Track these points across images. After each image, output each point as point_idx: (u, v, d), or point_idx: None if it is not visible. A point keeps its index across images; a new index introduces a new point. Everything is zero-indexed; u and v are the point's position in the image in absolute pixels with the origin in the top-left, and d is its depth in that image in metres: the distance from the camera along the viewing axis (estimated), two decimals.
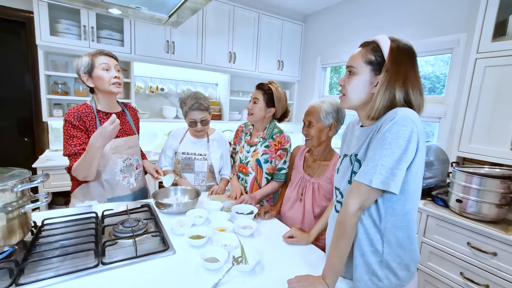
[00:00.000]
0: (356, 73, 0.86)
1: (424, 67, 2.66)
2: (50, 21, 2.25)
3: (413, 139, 0.74)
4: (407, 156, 0.75)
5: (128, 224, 1.14)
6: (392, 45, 0.83)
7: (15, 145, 2.61)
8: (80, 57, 1.38)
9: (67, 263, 0.93)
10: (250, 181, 1.67)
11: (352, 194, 0.80)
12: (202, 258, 0.96)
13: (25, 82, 2.56)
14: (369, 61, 0.84)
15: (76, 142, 1.33)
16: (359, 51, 0.87)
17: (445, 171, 2.11)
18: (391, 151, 0.74)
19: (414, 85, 0.82)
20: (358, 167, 0.85)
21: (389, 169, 0.74)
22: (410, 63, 0.82)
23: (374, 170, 0.76)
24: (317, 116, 1.31)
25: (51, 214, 1.22)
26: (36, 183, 0.93)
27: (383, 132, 0.76)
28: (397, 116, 0.75)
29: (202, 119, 1.66)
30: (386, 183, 0.75)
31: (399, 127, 0.74)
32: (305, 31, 3.71)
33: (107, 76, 1.38)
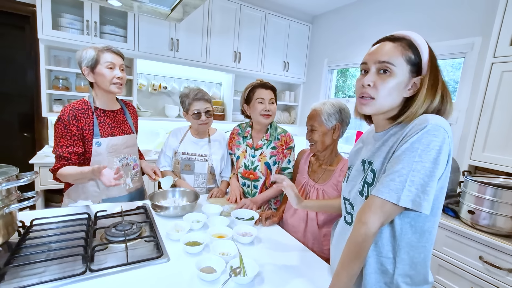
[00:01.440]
0: (395, 73, 0.71)
1: None
2: (52, 15, 2.21)
3: (444, 151, 0.65)
4: (439, 171, 0.65)
5: (121, 227, 1.08)
6: (429, 45, 0.74)
7: (15, 140, 2.57)
8: (85, 48, 1.32)
9: (53, 268, 0.86)
10: (260, 187, 1.60)
11: (374, 212, 0.68)
12: (197, 267, 0.89)
13: (28, 76, 2.53)
14: (409, 60, 0.71)
15: (63, 143, 1.28)
16: (394, 46, 0.72)
17: (455, 179, 2.02)
18: (422, 165, 0.64)
19: (447, 90, 0.74)
20: (372, 177, 0.75)
21: (420, 186, 0.64)
22: (439, 68, 0.74)
23: (402, 186, 0.65)
24: (319, 120, 1.24)
25: (41, 214, 1.16)
26: (23, 182, 0.88)
27: (412, 143, 0.65)
28: (429, 125, 0.65)
29: (206, 110, 1.60)
30: (417, 202, 0.65)
31: (431, 138, 0.64)
32: (312, 32, 3.64)
33: (110, 75, 1.32)
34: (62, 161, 1.28)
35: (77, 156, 1.31)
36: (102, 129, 1.37)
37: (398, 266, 0.75)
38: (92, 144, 1.33)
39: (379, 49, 0.74)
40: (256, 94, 1.53)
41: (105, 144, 1.36)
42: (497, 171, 1.70)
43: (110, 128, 1.41)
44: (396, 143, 0.71)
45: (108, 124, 1.41)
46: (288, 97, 3.75)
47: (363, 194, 0.77)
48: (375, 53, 0.75)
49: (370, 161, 0.79)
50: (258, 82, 1.57)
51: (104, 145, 1.36)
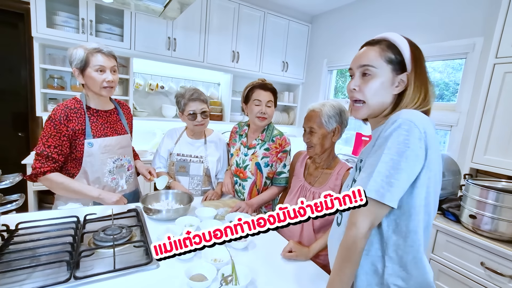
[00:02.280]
0: (376, 74, 0.74)
1: (432, 74, 2.54)
2: (47, 12, 2.17)
3: (413, 146, 0.65)
4: (409, 165, 0.65)
5: (110, 232, 1.04)
6: (410, 42, 0.76)
7: (9, 140, 2.53)
8: (76, 47, 1.27)
9: (36, 275, 0.83)
10: (249, 186, 1.56)
11: (360, 212, 0.68)
12: (187, 275, 0.85)
13: (22, 75, 2.49)
14: (390, 60, 0.74)
15: (51, 143, 1.23)
16: (372, 49, 0.77)
17: (456, 183, 1.98)
18: (390, 157, 0.65)
19: (430, 85, 0.76)
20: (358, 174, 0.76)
21: (385, 177, 0.65)
22: (424, 61, 0.77)
23: (370, 176, 0.67)
24: (319, 121, 1.20)
25: (27, 217, 1.12)
26: (4, 184, 0.84)
27: (384, 137, 0.68)
28: (399, 119, 0.67)
29: (202, 111, 1.56)
30: (380, 193, 0.65)
31: (401, 131, 0.65)
32: (312, 32, 3.61)
33: (100, 78, 1.28)
34: (49, 162, 1.24)
35: (63, 158, 1.27)
36: (95, 129, 1.34)
37: (387, 265, 0.73)
38: (84, 144, 1.29)
39: (361, 54, 0.79)
40: (255, 95, 1.50)
41: (97, 144, 1.32)
42: (499, 175, 1.66)
43: (103, 128, 1.38)
44: (377, 140, 0.72)
45: (101, 124, 1.37)
46: (287, 97, 3.71)
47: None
48: (357, 58, 0.79)
49: (361, 158, 0.81)
50: (259, 82, 1.53)
51: (97, 146, 1.32)
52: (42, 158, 1.23)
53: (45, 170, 1.23)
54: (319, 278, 0.97)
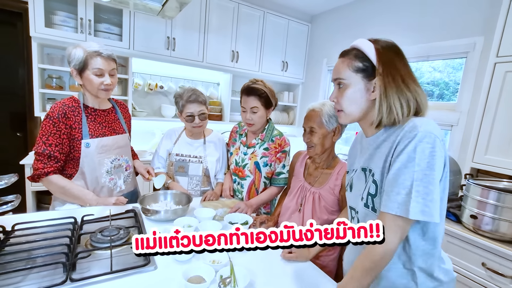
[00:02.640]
0: (348, 84, 0.79)
1: (432, 74, 2.53)
2: (45, 12, 2.15)
3: (438, 155, 0.66)
4: (438, 175, 0.66)
5: (107, 233, 1.03)
6: (376, 47, 0.77)
7: (7, 140, 2.52)
8: (75, 46, 1.25)
9: (32, 277, 0.81)
10: (247, 186, 1.56)
11: (389, 229, 0.68)
12: (185, 277, 0.84)
13: (20, 75, 2.48)
14: (357, 68, 0.77)
15: (52, 142, 1.22)
16: (342, 61, 0.81)
17: (456, 182, 1.97)
18: (422, 173, 0.65)
19: (415, 82, 0.74)
20: (375, 189, 0.74)
21: (426, 195, 0.65)
22: (400, 60, 0.76)
23: (408, 198, 0.65)
24: (319, 121, 1.19)
25: (23, 218, 1.10)
26: None
27: (407, 153, 0.67)
28: (419, 133, 0.66)
29: (200, 113, 1.54)
30: (426, 212, 0.65)
31: (424, 145, 0.65)
32: (311, 32, 3.59)
33: (97, 81, 1.26)
34: (51, 161, 1.22)
35: (64, 157, 1.26)
36: (92, 128, 1.32)
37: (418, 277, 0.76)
38: (81, 144, 1.28)
39: (334, 67, 0.84)
40: (242, 100, 1.50)
41: (94, 145, 1.31)
42: (500, 174, 1.65)
43: (101, 127, 1.36)
44: (390, 151, 0.72)
45: (99, 123, 1.36)
46: (287, 97, 3.70)
47: (369, 206, 0.77)
48: (333, 72, 0.85)
49: (370, 168, 0.79)
50: (247, 85, 1.49)
51: (94, 146, 1.31)
52: (43, 157, 1.21)
53: (48, 170, 1.21)
54: (319, 279, 0.96)
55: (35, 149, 1.22)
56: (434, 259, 0.76)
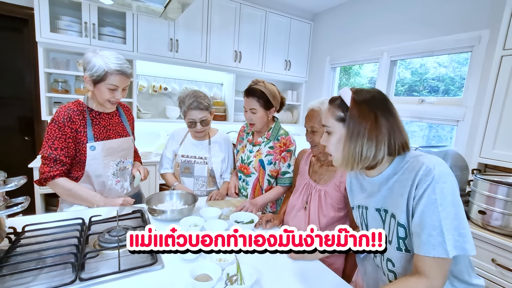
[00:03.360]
0: (332, 132, 0.83)
1: (438, 69, 2.51)
2: (50, 17, 2.19)
3: (457, 191, 0.71)
4: (462, 209, 0.70)
5: (115, 233, 1.04)
6: (353, 97, 0.79)
7: (16, 144, 2.57)
8: (96, 55, 1.23)
9: (42, 277, 0.83)
10: (252, 183, 1.56)
11: (436, 273, 0.70)
12: (192, 275, 0.84)
13: (27, 80, 2.52)
14: (339, 118, 0.81)
15: (58, 145, 1.24)
16: (328, 109, 0.85)
17: (463, 178, 1.94)
18: (446, 211, 0.68)
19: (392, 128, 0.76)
20: (404, 232, 0.76)
21: (454, 230, 0.68)
22: (375, 111, 0.76)
23: (442, 238, 0.69)
24: (320, 120, 1.18)
25: (33, 220, 1.13)
26: (9, 187, 0.84)
27: (428, 195, 0.70)
28: (436, 176, 0.70)
29: (202, 119, 1.54)
30: (459, 246, 0.68)
31: (441, 185, 0.69)
32: (314, 30, 3.58)
33: (109, 95, 1.28)
34: (58, 165, 1.24)
35: (70, 160, 1.27)
36: (97, 131, 1.34)
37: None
38: (86, 147, 1.30)
39: (323, 115, 0.91)
40: (244, 102, 1.51)
41: (99, 148, 1.33)
42: (509, 169, 1.63)
43: (106, 131, 1.38)
44: (411, 195, 0.74)
45: (103, 126, 1.38)
46: (291, 96, 3.70)
47: (401, 249, 0.78)
48: (322, 118, 0.90)
49: (385, 209, 0.82)
50: (248, 86, 1.50)
51: (99, 149, 1.33)
52: (50, 161, 1.23)
53: (54, 174, 1.23)
54: (326, 277, 0.96)
55: (41, 153, 1.24)
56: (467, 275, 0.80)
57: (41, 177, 1.23)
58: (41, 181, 1.25)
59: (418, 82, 2.67)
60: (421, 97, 2.51)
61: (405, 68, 2.77)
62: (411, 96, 2.67)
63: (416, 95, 2.65)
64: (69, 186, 1.27)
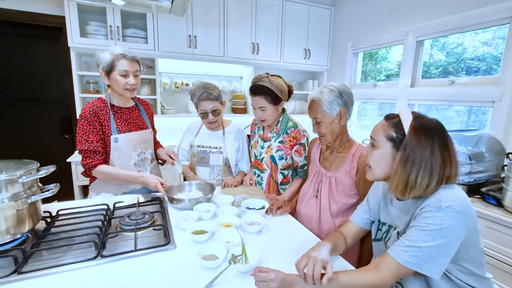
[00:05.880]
0: (378, 146, 0.84)
1: (478, 48, 2.26)
2: (80, 23, 2.37)
3: (457, 229, 0.71)
4: (450, 245, 0.71)
5: (134, 217, 1.14)
6: (414, 124, 0.78)
7: (57, 142, 2.85)
8: (103, 50, 1.37)
9: (70, 253, 0.94)
10: (266, 178, 1.59)
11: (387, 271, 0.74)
12: (200, 255, 0.90)
13: (64, 83, 2.77)
14: (390, 137, 0.81)
15: (93, 138, 1.36)
16: (382, 125, 0.85)
17: (499, 163, 1.78)
18: (432, 238, 0.71)
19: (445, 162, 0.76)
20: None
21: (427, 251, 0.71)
22: (432, 143, 0.76)
23: (409, 249, 0.73)
24: (321, 110, 1.16)
25: (66, 205, 1.26)
26: (40, 174, 0.96)
27: (426, 218, 0.73)
28: (442, 207, 0.72)
29: (213, 109, 1.59)
30: (417, 264, 0.72)
31: (444, 216, 0.71)
32: (335, 16, 3.45)
33: (123, 81, 1.38)
34: (97, 155, 1.37)
35: (104, 150, 1.40)
36: (120, 125, 1.45)
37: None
38: (110, 139, 1.41)
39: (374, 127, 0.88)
40: (251, 99, 1.51)
41: (122, 139, 1.43)
42: None
43: (127, 124, 1.48)
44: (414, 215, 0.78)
45: (125, 120, 1.48)
46: (312, 86, 3.62)
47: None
48: (372, 130, 0.89)
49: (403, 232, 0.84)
50: (252, 83, 1.46)
51: (121, 141, 1.43)
52: (90, 153, 1.36)
53: (96, 163, 1.37)
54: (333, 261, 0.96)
55: (79, 148, 1.37)
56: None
57: (85, 169, 1.38)
58: (86, 171, 1.40)
59: (454, 63, 2.45)
60: (450, 78, 2.32)
61: (440, 49, 2.55)
62: (438, 78, 2.48)
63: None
64: (108, 170, 1.38)
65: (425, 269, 0.71)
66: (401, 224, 0.85)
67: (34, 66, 2.66)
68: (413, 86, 2.60)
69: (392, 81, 2.93)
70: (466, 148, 1.76)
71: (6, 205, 0.89)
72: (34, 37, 2.64)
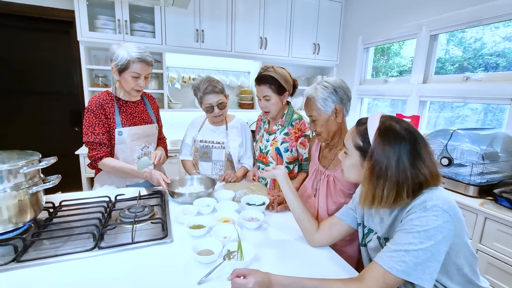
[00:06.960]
0: (348, 154, 0.83)
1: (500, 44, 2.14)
2: (89, 17, 2.40)
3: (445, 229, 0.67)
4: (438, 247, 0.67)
5: (133, 210, 1.14)
6: (379, 131, 0.74)
7: (67, 135, 2.91)
8: (120, 46, 1.34)
9: (69, 243, 0.95)
10: None
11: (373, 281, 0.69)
12: (195, 249, 0.89)
13: (74, 77, 2.82)
14: (358, 146, 0.79)
15: (99, 131, 1.37)
16: (352, 131, 0.83)
17: None
18: (420, 240, 0.67)
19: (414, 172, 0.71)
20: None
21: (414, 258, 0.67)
22: (399, 152, 0.71)
23: (396, 254, 0.69)
24: (316, 107, 1.12)
25: (69, 197, 1.28)
26: (41, 165, 0.97)
27: (411, 220, 0.70)
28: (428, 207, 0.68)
29: (219, 102, 1.58)
30: (405, 272, 0.67)
31: (430, 217, 0.67)
32: (345, 9, 3.36)
33: (133, 83, 1.38)
34: (103, 147, 1.39)
35: (110, 142, 1.41)
36: (124, 118, 1.46)
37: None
38: (115, 132, 1.42)
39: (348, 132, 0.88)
40: (256, 90, 1.49)
41: (126, 133, 1.44)
42: None
43: (132, 117, 1.49)
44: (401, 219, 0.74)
45: (130, 114, 1.49)
46: None
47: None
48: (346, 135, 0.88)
49: (385, 237, 0.82)
50: (258, 74, 1.48)
51: (126, 134, 1.44)
52: (95, 145, 1.38)
53: (101, 155, 1.39)
54: (328, 258, 0.93)
55: (85, 140, 1.38)
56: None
57: (91, 160, 1.40)
58: (92, 163, 1.42)
59: (471, 59, 2.34)
60: (465, 74, 2.22)
61: (457, 44, 2.44)
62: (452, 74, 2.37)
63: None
64: (113, 163, 1.40)
65: (414, 277, 0.66)
66: (381, 229, 0.83)
67: (44, 60, 2.72)
68: (425, 82, 2.51)
69: (403, 77, 2.84)
70: (479, 147, 1.68)
71: (8, 195, 0.91)
72: (45, 30, 2.69)
